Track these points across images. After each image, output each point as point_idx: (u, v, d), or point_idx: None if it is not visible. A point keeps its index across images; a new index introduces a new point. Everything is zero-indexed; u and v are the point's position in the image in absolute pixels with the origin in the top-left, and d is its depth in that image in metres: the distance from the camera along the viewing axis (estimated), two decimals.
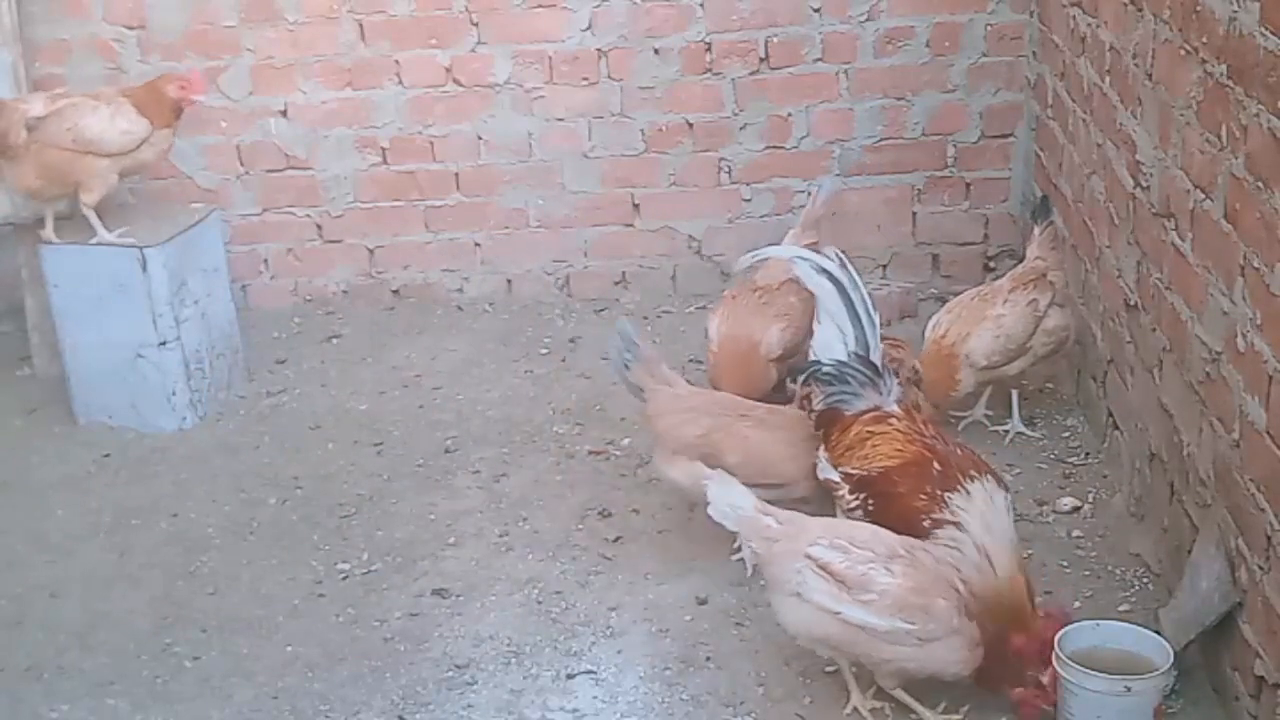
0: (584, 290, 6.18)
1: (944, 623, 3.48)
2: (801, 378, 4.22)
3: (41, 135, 4.95)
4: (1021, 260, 5.14)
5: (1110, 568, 4.22)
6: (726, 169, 6.02)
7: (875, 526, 3.69)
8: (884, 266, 6.11)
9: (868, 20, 5.80)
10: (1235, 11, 3.40)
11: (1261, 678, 3.32)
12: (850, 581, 3.49)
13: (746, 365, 4.78)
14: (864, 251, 6.09)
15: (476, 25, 5.86)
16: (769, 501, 3.75)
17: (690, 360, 5.50)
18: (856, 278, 4.10)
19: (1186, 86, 3.78)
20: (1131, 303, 4.36)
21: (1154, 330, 4.13)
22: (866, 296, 4.07)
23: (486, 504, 4.74)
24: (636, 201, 6.08)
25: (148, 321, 5.12)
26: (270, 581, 4.40)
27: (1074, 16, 5.02)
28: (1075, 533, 4.39)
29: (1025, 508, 4.49)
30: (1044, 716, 3.54)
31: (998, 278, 5.34)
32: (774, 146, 5.98)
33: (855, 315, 4.03)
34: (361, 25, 5.86)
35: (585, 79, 5.91)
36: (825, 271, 4.09)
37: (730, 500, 3.69)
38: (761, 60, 5.87)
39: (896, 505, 3.76)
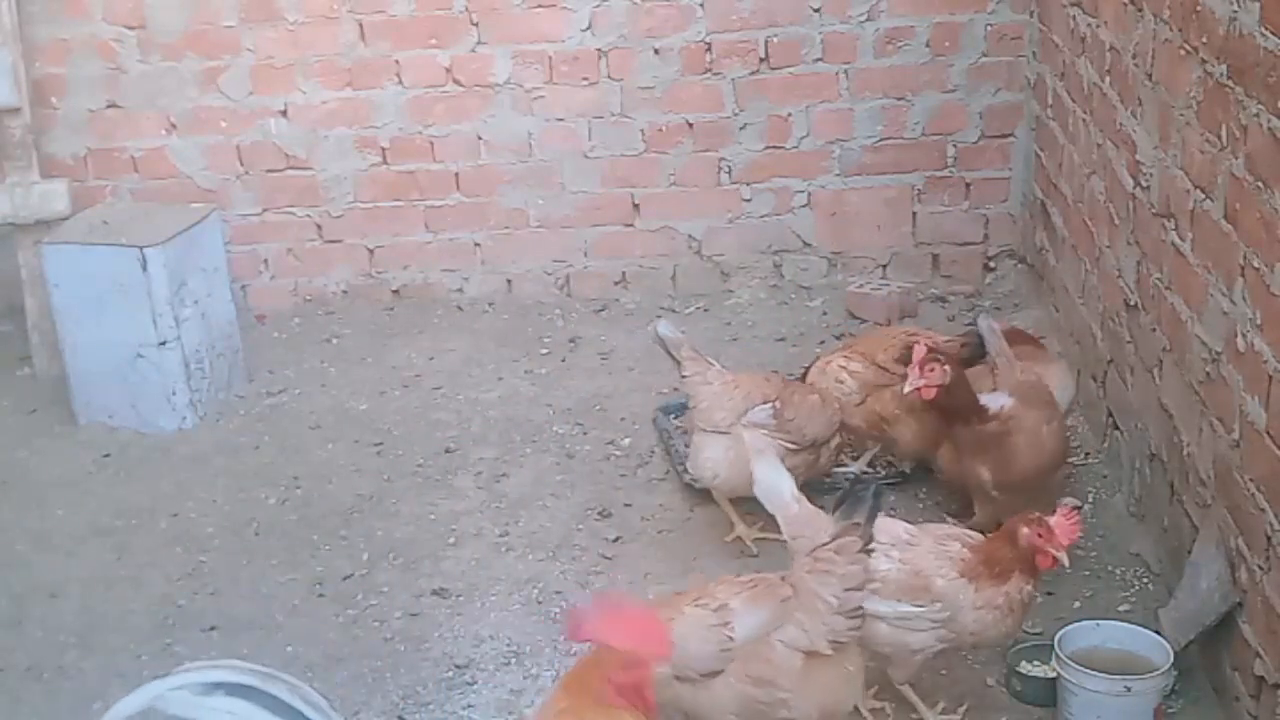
0: (584, 290, 6.18)
1: (950, 599, 3.47)
2: None
3: None
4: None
5: (1110, 568, 4.22)
6: (726, 169, 6.02)
7: (886, 519, 3.64)
8: (884, 266, 6.11)
9: (868, 20, 5.80)
10: (1235, 11, 3.40)
11: (1261, 678, 3.32)
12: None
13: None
14: (864, 251, 6.11)
15: (476, 25, 5.86)
16: None
17: None
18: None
19: (1186, 86, 3.78)
20: (1131, 303, 4.36)
21: (1154, 330, 4.13)
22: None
23: (486, 504, 4.74)
24: (636, 201, 6.08)
25: (148, 321, 5.12)
26: (270, 581, 4.40)
27: (1074, 16, 5.02)
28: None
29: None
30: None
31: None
32: (774, 146, 5.98)
33: None
34: (361, 25, 5.86)
35: (585, 79, 5.91)
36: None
37: (772, 480, 3.60)
38: (761, 60, 5.87)
39: None
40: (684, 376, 4.38)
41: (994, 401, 4.14)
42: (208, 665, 2.51)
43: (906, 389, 4.11)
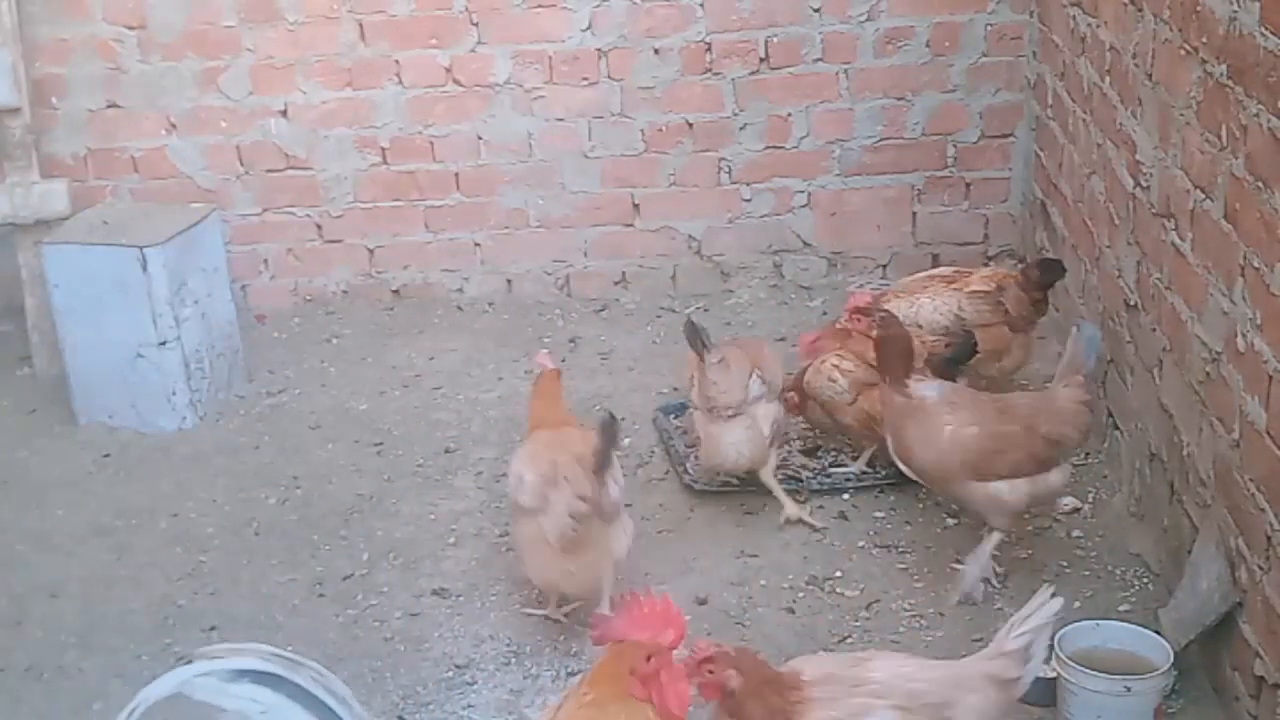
0: (584, 290, 6.18)
1: None
2: None
3: None
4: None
5: (1110, 568, 4.22)
6: (726, 169, 6.02)
7: None
8: (884, 266, 6.11)
9: (868, 20, 5.80)
10: (1235, 11, 3.40)
11: (1261, 678, 3.32)
12: None
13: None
14: (864, 251, 6.11)
15: (476, 25, 5.86)
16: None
17: None
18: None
19: (1186, 86, 3.78)
20: (1131, 303, 4.37)
21: (1154, 330, 4.13)
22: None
23: (486, 504, 4.74)
24: (636, 201, 6.08)
25: (148, 321, 5.12)
26: (270, 581, 4.40)
27: (1074, 16, 5.02)
28: (1075, 533, 4.39)
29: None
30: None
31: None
32: (774, 146, 5.98)
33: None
34: (361, 25, 5.86)
35: (585, 79, 5.91)
36: None
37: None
38: (761, 60, 5.87)
39: None
40: (714, 363, 4.41)
41: (925, 388, 4.10)
42: (235, 649, 2.51)
43: (837, 325, 4.36)
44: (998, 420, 4.06)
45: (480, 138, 6.00)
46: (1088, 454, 4.77)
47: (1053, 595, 3.12)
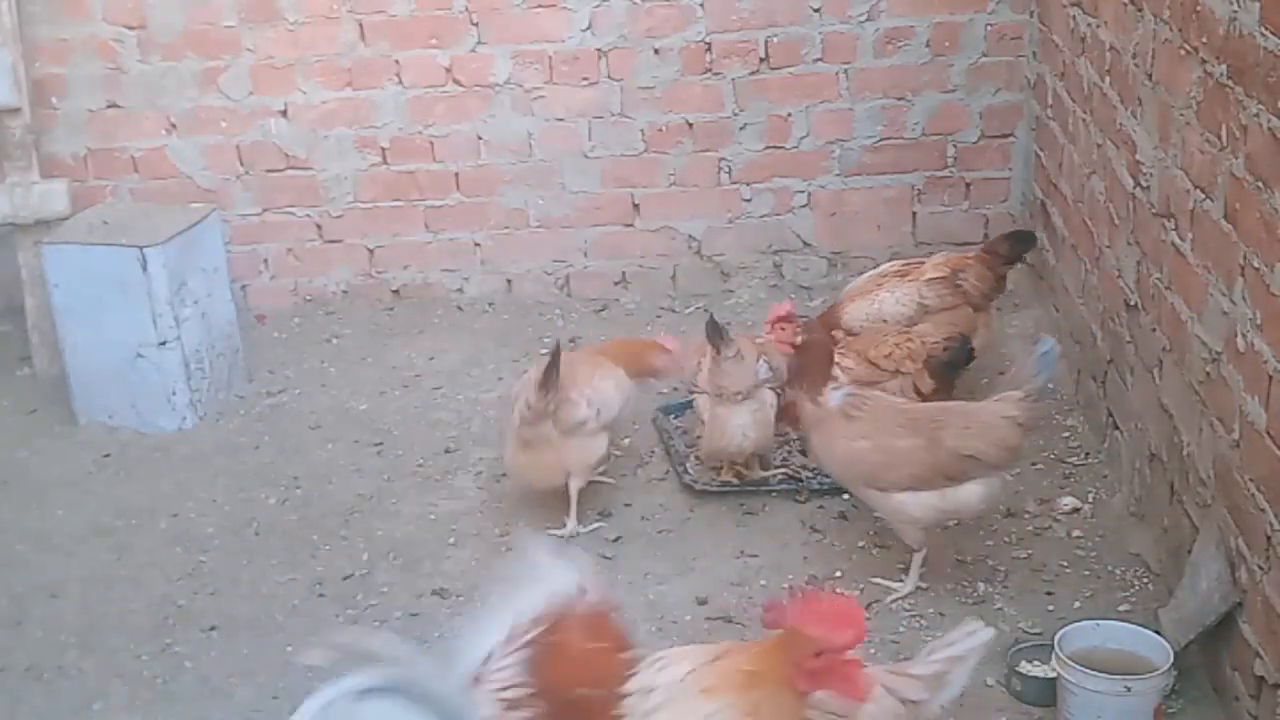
0: (584, 290, 6.18)
1: None
2: None
3: None
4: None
5: (1110, 568, 4.22)
6: (726, 169, 6.02)
7: None
8: None
9: (868, 20, 5.80)
10: (1235, 11, 3.41)
11: (1261, 678, 3.32)
12: None
13: None
14: (864, 251, 6.10)
15: (476, 25, 5.86)
16: None
17: None
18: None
19: (1186, 86, 3.78)
20: (1131, 303, 4.37)
21: (1154, 330, 4.13)
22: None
23: (486, 504, 4.74)
24: (636, 201, 6.08)
25: (148, 321, 5.12)
26: (270, 581, 4.40)
27: (1074, 16, 5.02)
28: (1075, 533, 4.39)
29: (1025, 508, 4.49)
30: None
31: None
32: (774, 146, 5.98)
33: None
34: (361, 25, 5.86)
35: (585, 79, 5.91)
36: None
37: None
38: (761, 60, 5.87)
39: None
40: (729, 357, 4.51)
41: (832, 396, 4.11)
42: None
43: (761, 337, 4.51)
44: (895, 434, 4.00)
45: (480, 138, 6.00)
46: (1088, 454, 4.77)
47: (985, 626, 3.03)
